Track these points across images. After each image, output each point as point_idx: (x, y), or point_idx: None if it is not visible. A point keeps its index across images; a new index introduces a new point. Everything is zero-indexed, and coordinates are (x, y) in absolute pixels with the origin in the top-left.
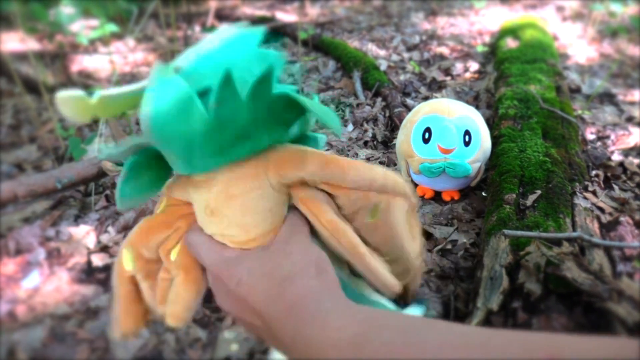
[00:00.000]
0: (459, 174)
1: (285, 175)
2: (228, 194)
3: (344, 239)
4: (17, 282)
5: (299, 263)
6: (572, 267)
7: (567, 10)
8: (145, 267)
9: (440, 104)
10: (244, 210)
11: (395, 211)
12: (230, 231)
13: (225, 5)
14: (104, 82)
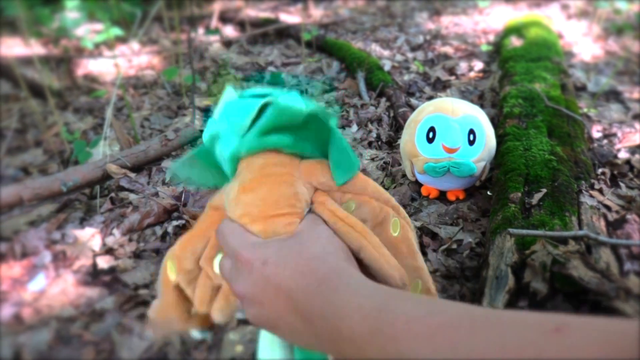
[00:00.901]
0: (464, 173)
1: (313, 178)
2: (263, 172)
3: (356, 221)
4: (23, 285)
5: (329, 246)
6: (579, 265)
7: (572, 8)
8: (187, 276)
9: (444, 103)
10: (273, 186)
11: (409, 229)
12: (252, 206)
13: (229, 8)
14: (108, 86)
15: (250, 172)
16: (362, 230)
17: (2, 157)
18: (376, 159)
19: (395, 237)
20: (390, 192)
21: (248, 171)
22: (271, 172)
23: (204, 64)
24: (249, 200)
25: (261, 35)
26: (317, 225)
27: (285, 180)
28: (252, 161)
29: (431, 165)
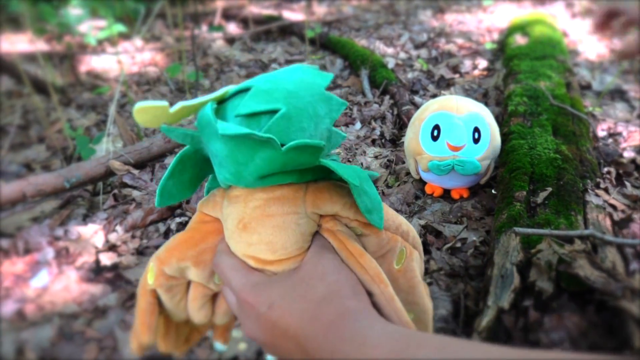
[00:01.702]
0: (468, 172)
1: (321, 206)
2: (264, 212)
3: (369, 264)
4: (26, 281)
5: (334, 284)
6: (584, 265)
7: (576, 7)
8: (165, 283)
9: (448, 101)
10: (277, 230)
11: (415, 261)
12: (258, 248)
13: (232, 5)
14: (112, 82)
15: (250, 208)
16: (376, 276)
17: (5, 153)
18: (380, 156)
19: (397, 269)
20: (394, 190)
21: (247, 204)
22: (274, 212)
23: (207, 60)
24: (253, 241)
25: (264, 32)
26: (322, 256)
27: (291, 220)
28: (250, 193)
29: (436, 163)
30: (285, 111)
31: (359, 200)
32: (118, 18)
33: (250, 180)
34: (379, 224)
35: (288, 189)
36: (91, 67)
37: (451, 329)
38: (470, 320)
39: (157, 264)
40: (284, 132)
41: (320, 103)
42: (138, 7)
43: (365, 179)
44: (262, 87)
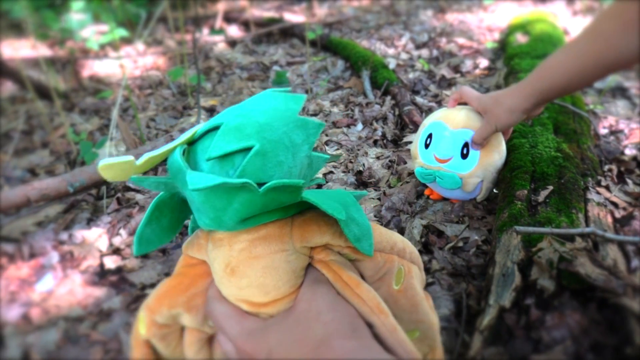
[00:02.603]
0: (447, 185)
1: (310, 239)
2: (251, 254)
3: (368, 294)
4: (31, 286)
5: (332, 323)
6: (586, 262)
7: (577, 5)
8: (158, 332)
9: (450, 113)
10: (266, 271)
11: (415, 278)
12: (249, 292)
13: (233, 8)
14: (114, 87)
15: (236, 251)
16: (375, 306)
17: (9, 158)
18: (382, 157)
19: (397, 290)
20: (396, 190)
21: (232, 247)
22: (260, 253)
23: (208, 64)
24: (243, 285)
25: (266, 34)
26: (315, 293)
27: (280, 258)
28: (234, 236)
29: (420, 170)
30: (258, 147)
31: (347, 231)
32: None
33: (231, 224)
34: (369, 251)
35: (273, 226)
36: (94, 71)
37: (453, 328)
38: (472, 319)
39: (147, 313)
40: (261, 169)
41: (296, 130)
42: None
43: (351, 204)
44: (231, 123)
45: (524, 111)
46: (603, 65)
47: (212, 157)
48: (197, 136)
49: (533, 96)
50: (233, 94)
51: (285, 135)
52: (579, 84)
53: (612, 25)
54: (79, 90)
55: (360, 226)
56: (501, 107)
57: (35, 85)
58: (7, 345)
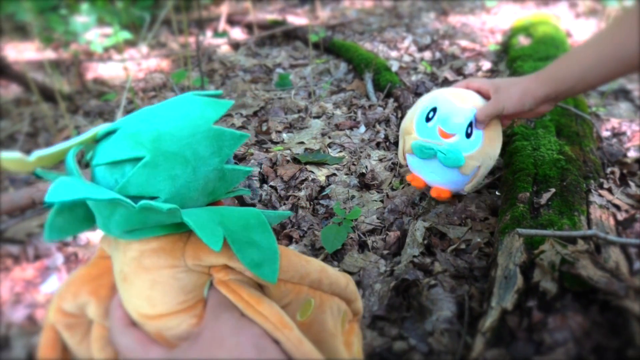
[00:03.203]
0: (449, 162)
1: (203, 259)
2: (140, 265)
3: (270, 310)
4: (36, 287)
5: (235, 349)
6: (588, 265)
7: (580, 7)
8: (63, 319)
9: (457, 92)
10: (153, 285)
11: (327, 311)
12: (137, 302)
13: (236, 11)
14: (118, 89)
15: (128, 258)
16: (278, 322)
17: None
18: (384, 159)
19: (301, 321)
20: (398, 193)
21: (125, 254)
22: (149, 265)
23: (212, 66)
24: (134, 293)
25: (269, 37)
26: (218, 318)
27: (167, 274)
28: (128, 242)
29: (419, 143)
30: (149, 159)
31: (241, 256)
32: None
33: (118, 233)
34: (271, 277)
35: (166, 240)
36: (98, 74)
37: (456, 330)
38: (475, 322)
39: (55, 299)
40: (148, 182)
41: (204, 142)
42: (143, 15)
43: (256, 226)
44: (127, 130)
45: (536, 99)
46: (620, 60)
47: (100, 163)
48: (99, 137)
49: (548, 84)
50: (236, 96)
51: (188, 147)
52: (594, 79)
53: (633, 22)
54: (83, 93)
55: (262, 250)
56: (515, 87)
57: (39, 88)
58: (13, 346)
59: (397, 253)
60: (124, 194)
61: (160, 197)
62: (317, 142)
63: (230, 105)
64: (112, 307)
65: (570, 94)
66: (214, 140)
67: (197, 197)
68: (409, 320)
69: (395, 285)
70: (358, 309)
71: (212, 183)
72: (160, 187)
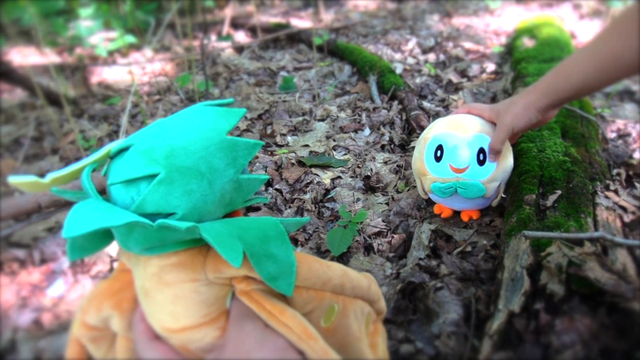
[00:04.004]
0: (471, 195)
1: (224, 271)
2: (161, 280)
3: (294, 320)
4: (43, 291)
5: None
6: (595, 267)
7: (584, 8)
8: (87, 333)
9: (454, 121)
10: (175, 299)
11: (351, 315)
12: (160, 316)
13: (240, 14)
14: (123, 93)
15: (149, 274)
16: (303, 332)
17: (20, 164)
18: (389, 162)
19: (325, 327)
20: (404, 195)
21: (145, 269)
22: (170, 280)
23: (216, 69)
24: (157, 308)
25: (273, 40)
26: (242, 330)
27: (189, 288)
28: (148, 258)
29: (438, 185)
30: (164, 176)
31: (259, 269)
32: (128, 29)
33: (137, 250)
34: (287, 290)
35: (185, 254)
36: (102, 78)
37: (462, 333)
38: (482, 324)
39: (79, 313)
40: (164, 199)
41: (218, 154)
42: (148, 19)
43: (274, 237)
44: (140, 147)
45: (538, 109)
46: (619, 66)
47: (114, 182)
48: (112, 154)
49: (548, 95)
50: (241, 99)
51: (203, 160)
52: (595, 85)
53: (630, 26)
54: (88, 97)
55: (279, 263)
56: (516, 105)
57: (45, 92)
58: (19, 350)
59: (403, 256)
60: (140, 212)
61: (177, 213)
62: (322, 145)
63: (242, 113)
64: (134, 321)
65: (572, 99)
66: (228, 152)
67: (214, 210)
68: (416, 323)
69: (401, 288)
70: (381, 309)
71: (228, 194)
72: (176, 203)
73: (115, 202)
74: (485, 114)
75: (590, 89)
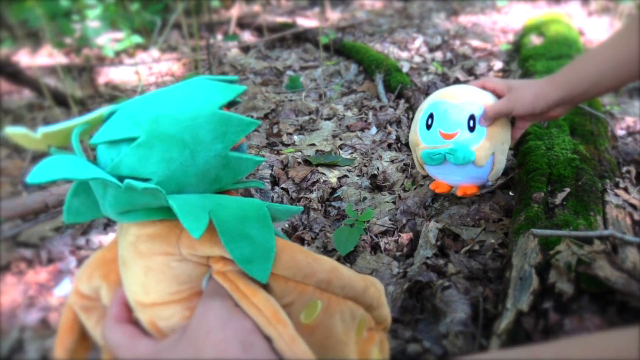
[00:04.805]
0: (459, 160)
1: (198, 249)
2: (136, 249)
3: (265, 303)
4: (50, 290)
5: (221, 343)
6: (605, 265)
7: (592, 5)
8: (79, 301)
9: (449, 90)
10: (147, 271)
11: (337, 316)
12: (133, 288)
13: (246, 14)
14: (130, 93)
15: (127, 242)
16: (272, 316)
17: (27, 165)
18: (396, 160)
19: (305, 324)
20: (411, 194)
21: (125, 238)
22: (144, 251)
23: (222, 69)
24: (130, 279)
25: (279, 39)
26: (208, 308)
27: (161, 261)
28: (128, 226)
29: (426, 152)
30: (143, 139)
31: (229, 248)
32: (135, 30)
33: (112, 214)
34: (261, 276)
35: (162, 225)
36: (109, 78)
37: (470, 332)
38: (490, 323)
39: (75, 281)
40: (141, 163)
41: (206, 126)
42: (154, 19)
43: (254, 219)
44: (126, 110)
45: (548, 102)
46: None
47: (96, 142)
48: (104, 117)
49: (562, 87)
50: (247, 98)
51: (188, 130)
52: (612, 81)
53: None
54: (95, 97)
55: (254, 246)
56: (529, 88)
57: (52, 93)
58: (26, 349)
59: (410, 255)
60: (115, 173)
61: (152, 179)
62: (328, 144)
63: (241, 90)
64: (112, 302)
65: (584, 98)
66: (217, 125)
67: (196, 183)
68: (423, 323)
69: (408, 287)
70: (381, 317)
71: (214, 170)
72: (153, 169)
73: (99, 163)
74: (498, 86)
75: (605, 86)
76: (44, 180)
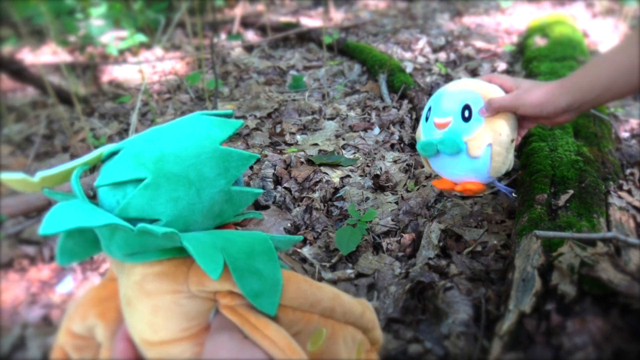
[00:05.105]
0: (448, 149)
1: (207, 285)
2: (142, 289)
3: (277, 334)
4: (52, 288)
5: None
6: (608, 268)
7: (597, 6)
8: (71, 341)
9: (453, 82)
10: (156, 310)
11: (340, 341)
12: (140, 327)
13: (250, 13)
14: (133, 92)
15: (131, 282)
16: (287, 347)
17: (31, 162)
18: (399, 161)
19: (311, 352)
20: (413, 194)
21: (129, 278)
22: (151, 290)
23: (226, 68)
24: (137, 318)
25: (282, 39)
26: (217, 342)
27: (170, 300)
28: (132, 265)
29: (420, 143)
30: (150, 180)
31: (241, 284)
32: (139, 28)
33: (119, 256)
34: (270, 309)
35: (169, 264)
36: (113, 76)
37: (472, 333)
38: (492, 325)
39: (65, 320)
40: (149, 204)
41: (209, 163)
42: (158, 18)
43: (260, 253)
44: (130, 151)
45: (556, 107)
46: None
47: (100, 184)
48: (104, 157)
49: (571, 93)
50: (250, 98)
51: (193, 168)
52: (623, 87)
53: None
54: (98, 95)
55: (263, 280)
56: (539, 90)
57: (56, 91)
58: (28, 346)
59: (412, 255)
60: (124, 216)
61: (161, 220)
62: (331, 144)
63: (239, 125)
64: (116, 338)
65: (595, 104)
66: (220, 161)
67: (202, 220)
68: (425, 323)
69: (410, 287)
70: (376, 338)
71: (218, 205)
72: (162, 209)
73: (102, 205)
74: (506, 83)
75: (616, 92)
76: (58, 231)
